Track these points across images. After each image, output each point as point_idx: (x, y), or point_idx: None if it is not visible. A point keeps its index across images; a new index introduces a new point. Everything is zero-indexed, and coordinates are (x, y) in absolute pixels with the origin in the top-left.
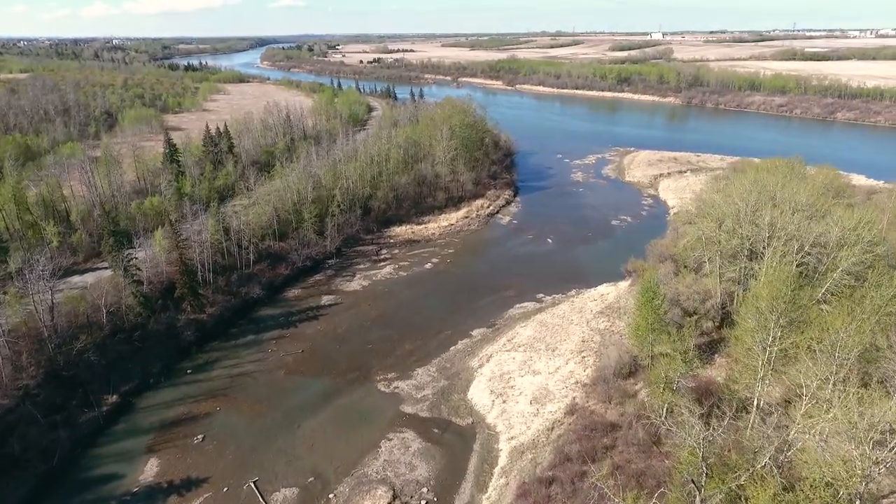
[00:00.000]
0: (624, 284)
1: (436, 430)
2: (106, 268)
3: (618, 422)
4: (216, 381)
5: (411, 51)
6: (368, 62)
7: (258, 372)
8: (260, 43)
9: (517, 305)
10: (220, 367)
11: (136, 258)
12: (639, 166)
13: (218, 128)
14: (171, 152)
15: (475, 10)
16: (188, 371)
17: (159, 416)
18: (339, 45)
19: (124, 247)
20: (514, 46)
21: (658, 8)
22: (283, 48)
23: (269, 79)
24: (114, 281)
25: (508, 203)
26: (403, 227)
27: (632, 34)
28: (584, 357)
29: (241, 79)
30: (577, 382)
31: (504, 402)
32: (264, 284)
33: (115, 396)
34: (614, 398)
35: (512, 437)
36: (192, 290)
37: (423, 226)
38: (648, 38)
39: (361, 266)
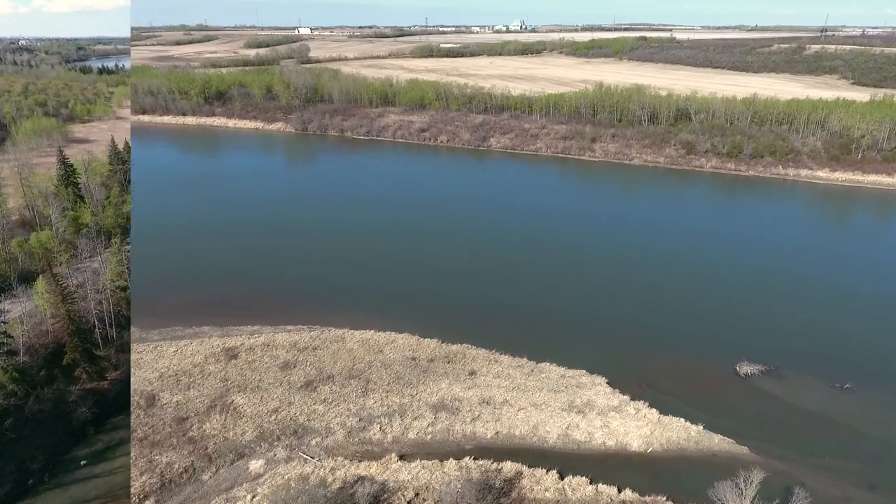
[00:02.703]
0: None
1: None
2: None
3: None
4: (120, 473)
5: None
6: None
7: None
8: None
9: None
10: (126, 451)
11: (6, 323)
12: None
13: (127, 141)
14: (67, 173)
15: None
16: (82, 462)
17: None
18: None
19: None
20: None
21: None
22: None
23: None
24: None
25: None
26: None
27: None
28: None
29: None
30: None
31: None
32: None
33: None
34: None
35: None
36: (87, 352)
37: None
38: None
39: None
